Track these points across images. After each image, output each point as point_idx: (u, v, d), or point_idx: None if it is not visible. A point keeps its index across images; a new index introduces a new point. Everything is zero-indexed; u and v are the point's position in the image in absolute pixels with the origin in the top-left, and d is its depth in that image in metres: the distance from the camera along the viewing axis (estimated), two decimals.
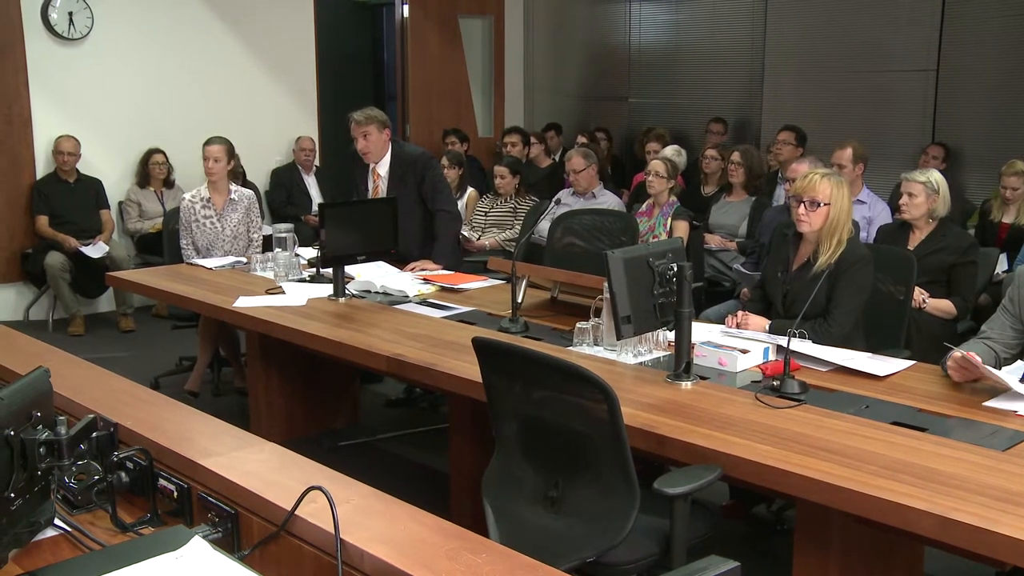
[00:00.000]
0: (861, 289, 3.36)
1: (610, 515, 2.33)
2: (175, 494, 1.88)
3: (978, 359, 2.72)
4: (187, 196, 5.27)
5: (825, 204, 3.33)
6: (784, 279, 3.52)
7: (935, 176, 4.26)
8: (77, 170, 6.76)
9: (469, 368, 2.89)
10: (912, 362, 3.08)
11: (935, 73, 6.75)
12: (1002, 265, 5.17)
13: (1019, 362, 2.87)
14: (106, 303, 7.03)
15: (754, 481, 2.37)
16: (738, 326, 3.42)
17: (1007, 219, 5.52)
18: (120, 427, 2.02)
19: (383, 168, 4.81)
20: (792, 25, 7.49)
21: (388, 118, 4.82)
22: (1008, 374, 2.76)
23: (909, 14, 6.80)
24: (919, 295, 4.03)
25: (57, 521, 1.77)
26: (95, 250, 6.53)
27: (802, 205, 3.37)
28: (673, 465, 2.54)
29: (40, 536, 1.74)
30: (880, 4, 6.94)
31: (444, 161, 6.54)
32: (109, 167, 7.05)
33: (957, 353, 2.77)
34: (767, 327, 3.38)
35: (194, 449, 1.95)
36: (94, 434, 1.87)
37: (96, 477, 1.87)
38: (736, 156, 6.04)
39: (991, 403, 2.67)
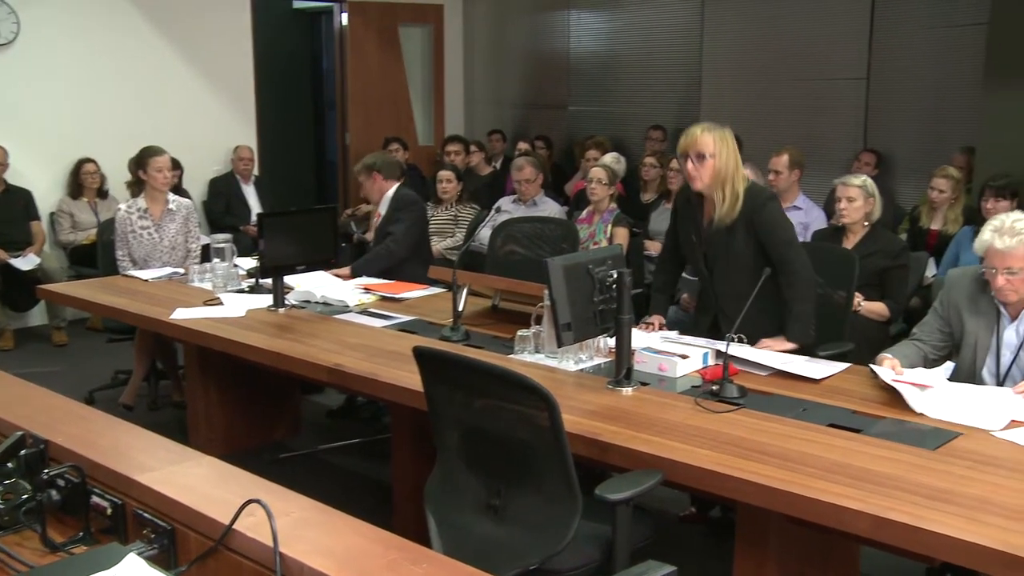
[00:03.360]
0: (783, 221, 3.42)
1: (552, 522, 2.34)
2: (109, 511, 1.84)
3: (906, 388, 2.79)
4: (123, 207, 5.15)
5: (710, 156, 3.35)
6: (699, 241, 3.52)
7: (869, 181, 4.39)
8: (5, 180, 6.58)
9: (410, 377, 2.87)
10: (847, 364, 3.14)
11: (866, 81, 6.92)
12: (931, 269, 5.31)
13: (948, 363, 2.96)
14: (38, 316, 6.85)
15: (695, 485, 2.40)
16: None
17: (935, 226, 5.66)
18: (51, 444, 1.96)
19: (383, 207, 4.99)
20: (729, 33, 7.61)
21: (380, 161, 5.01)
22: (933, 373, 2.88)
23: (841, 23, 6.96)
24: (855, 298, 4.11)
25: None
26: (25, 262, 6.37)
27: (689, 162, 3.40)
28: (615, 471, 2.56)
29: None
30: (814, 13, 7.08)
31: None
32: (39, 177, 6.87)
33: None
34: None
35: (129, 464, 1.91)
36: (22, 452, 1.82)
37: (24, 496, 1.82)
38: (675, 163, 6.10)
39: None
